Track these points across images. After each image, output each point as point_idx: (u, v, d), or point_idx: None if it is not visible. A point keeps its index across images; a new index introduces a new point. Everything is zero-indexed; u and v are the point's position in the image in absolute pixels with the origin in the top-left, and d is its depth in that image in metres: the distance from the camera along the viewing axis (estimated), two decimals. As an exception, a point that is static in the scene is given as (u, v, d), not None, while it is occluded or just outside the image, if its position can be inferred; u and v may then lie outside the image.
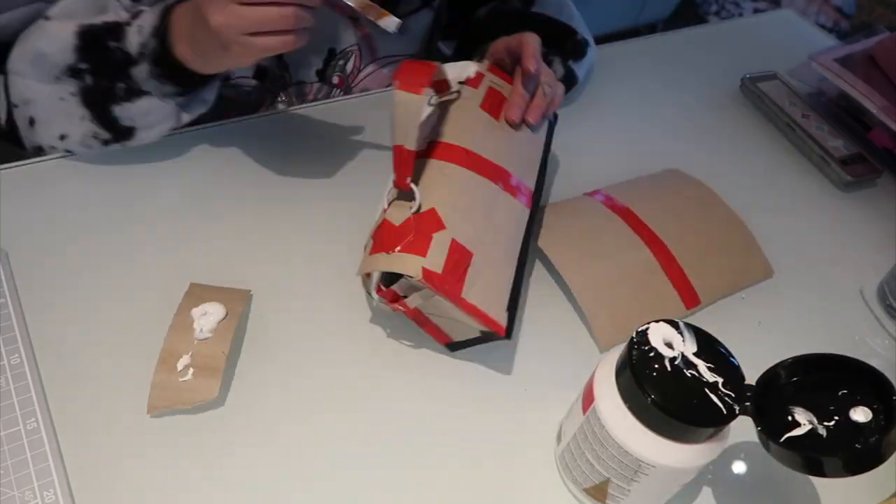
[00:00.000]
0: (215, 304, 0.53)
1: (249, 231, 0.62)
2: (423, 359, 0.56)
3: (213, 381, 0.50)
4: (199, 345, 0.51)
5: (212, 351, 0.51)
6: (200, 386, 0.50)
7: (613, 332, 0.58)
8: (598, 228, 0.64)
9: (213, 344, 0.51)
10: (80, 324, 0.54)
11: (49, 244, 0.58)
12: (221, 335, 0.52)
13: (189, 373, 0.50)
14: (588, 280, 0.60)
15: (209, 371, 0.50)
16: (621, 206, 0.66)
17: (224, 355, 0.51)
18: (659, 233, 0.63)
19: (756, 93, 0.88)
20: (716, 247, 0.65)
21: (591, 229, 0.64)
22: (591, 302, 0.59)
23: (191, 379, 0.50)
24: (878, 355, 0.63)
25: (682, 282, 0.62)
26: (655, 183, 0.72)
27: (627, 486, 0.45)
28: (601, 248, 0.62)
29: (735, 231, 0.67)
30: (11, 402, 0.48)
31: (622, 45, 0.95)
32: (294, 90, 0.77)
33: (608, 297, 0.60)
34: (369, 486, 0.49)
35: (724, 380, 0.41)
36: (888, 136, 0.83)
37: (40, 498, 0.44)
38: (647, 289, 0.61)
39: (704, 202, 0.69)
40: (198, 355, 0.51)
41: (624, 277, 0.61)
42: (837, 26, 2.00)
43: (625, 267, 0.61)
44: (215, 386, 0.50)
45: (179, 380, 0.50)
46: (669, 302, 0.61)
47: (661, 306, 0.60)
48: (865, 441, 0.38)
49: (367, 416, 0.52)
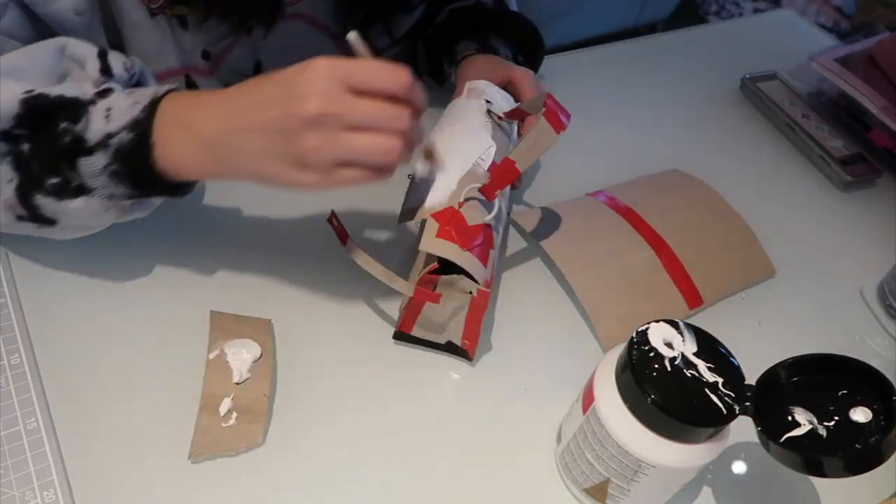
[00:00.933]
0: (249, 343, 0.52)
1: (258, 246, 0.62)
2: (423, 359, 0.56)
3: (256, 426, 0.48)
4: (238, 387, 0.50)
5: (253, 394, 0.49)
6: (245, 431, 0.48)
7: (617, 332, 0.58)
8: (600, 229, 0.64)
9: (252, 385, 0.50)
10: (79, 323, 0.54)
11: (49, 244, 0.58)
12: (260, 375, 0.50)
13: (233, 417, 0.48)
14: (590, 280, 0.60)
15: (252, 415, 0.49)
16: (623, 207, 0.66)
17: (266, 398, 0.49)
18: (661, 233, 0.63)
19: (756, 93, 0.88)
20: (718, 246, 0.65)
21: (594, 230, 0.64)
22: (594, 302, 0.59)
23: (234, 424, 0.48)
24: (878, 355, 0.63)
25: (685, 282, 0.62)
26: (657, 183, 0.72)
27: (627, 486, 0.45)
28: (603, 249, 0.62)
29: (737, 231, 0.67)
30: (11, 402, 0.48)
31: (622, 45, 0.95)
32: None
33: (611, 297, 0.60)
34: (369, 485, 0.49)
35: (724, 380, 0.41)
36: (888, 136, 0.83)
37: (40, 498, 0.44)
38: (650, 289, 0.61)
39: (706, 202, 0.69)
40: (239, 398, 0.49)
41: (627, 278, 0.61)
42: (837, 26, 2.00)
43: (627, 267, 0.61)
44: (259, 431, 0.48)
45: (223, 425, 0.48)
46: (672, 302, 0.61)
47: (663, 306, 0.60)
48: (865, 441, 0.39)
49: (367, 417, 0.52)
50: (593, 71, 0.89)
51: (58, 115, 0.45)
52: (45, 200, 0.47)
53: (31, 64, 0.48)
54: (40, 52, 0.49)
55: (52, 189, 0.46)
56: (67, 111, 0.45)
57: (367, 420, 0.52)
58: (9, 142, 0.46)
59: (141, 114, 0.45)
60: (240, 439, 0.48)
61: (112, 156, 0.45)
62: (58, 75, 0.49)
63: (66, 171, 0.46)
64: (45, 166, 0.46)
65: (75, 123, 0.45)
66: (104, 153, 0.45)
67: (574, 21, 1.81)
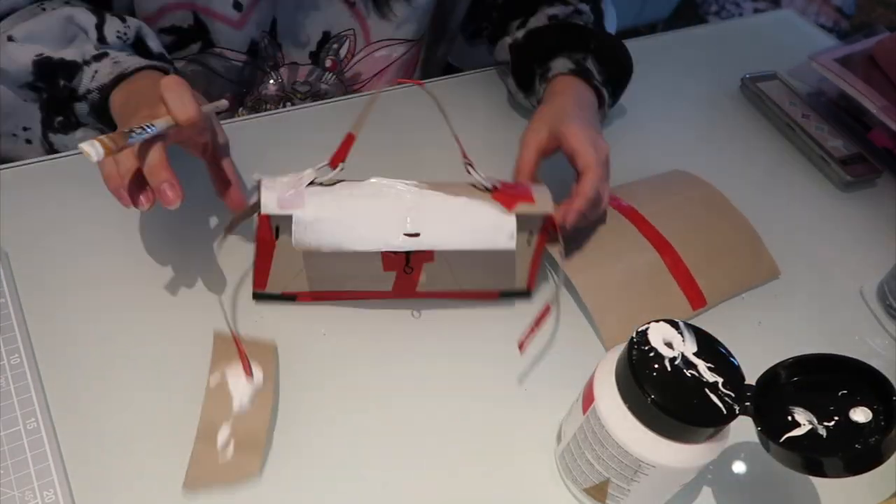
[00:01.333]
0: (255, 366, 0.51)
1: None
2: (423, 359, 0.56)
3: (254, 458, 0.48)
4: (237, 416, 0.49)
5: (252, 423, 0.48)
6: (241, 462, 0.47)
7: (620, 332, 0.58)
8: (604, 229, 0.64)
9: (252, 414, 0.49)
10: (80, 323, 0.54)
11: (49, 244, 0.58)
12: (261, 403, 0.50)
13: (230, 447, 0.47)
14: (594, 280, 0.60)
15: (249, 446, 0.48)
16: (627, 207, 0.66)
17: (264, 427, 0.49)
18: (665, 233, 0.63)
19: (756, 93, 0.88)
20: (722, 247, 0.65)
21: (597, 230, 0.64)
22: (598, 302, 0.59)
23: (232, 455, 0.47)
24: (878, 355, 0.63)
25: (689, 283, 0.62)
26: (661, 183, 0.72)
27: (627, 486, 0.45)
28: (607, 249, 0.62)
29: (741, 231, 0.67)
30: (11, 402, 0.48)
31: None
32: (286, 70, 0.76)
33: (614, 297, 0.60)
34: (368, 484, 0.49)
35: (724, 380, 0.41)
36: (888, 136, 0.83)
37: (40, 498, 0.44)
38: (654, 290, 0.61)
39: (710, 203, 0.69)
40: (238, 428, 0.48)
41: (630, 278, 0.61)
42: (837, 26, 1.99)
43: (631, 268, 0.61)
44: (257, 462, 0.48)
45: (219, 457, 0.47)
46: (675, 303, 0.61)
47: (667, 307, 0.61)
48: (865, 441, 0.39)
49: (366, 416, 0.52)
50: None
51: (57, 73, 0.59)
52: (55, 137, 0.63)
53: (45, 31, 0.59)
54: (51, 21, 0.60)
55: (60, 126, 0.62)
56: (65, 71, 0.59)
57: (366, 419, 0.52)
58: (34, 91, 0.60)
59: (110, 83, 0.58)
60: (237, 471, 0.47)
61: (90, 105, 0.60)
62: (66, 40, 0.60)
63: (68, 113, 0.62)
64: (53, 108, 0.62)
65: (70, 80, 0.59)
66: (86, 102, 0.59)
67: (574, 21, 1.80)
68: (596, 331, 0.59)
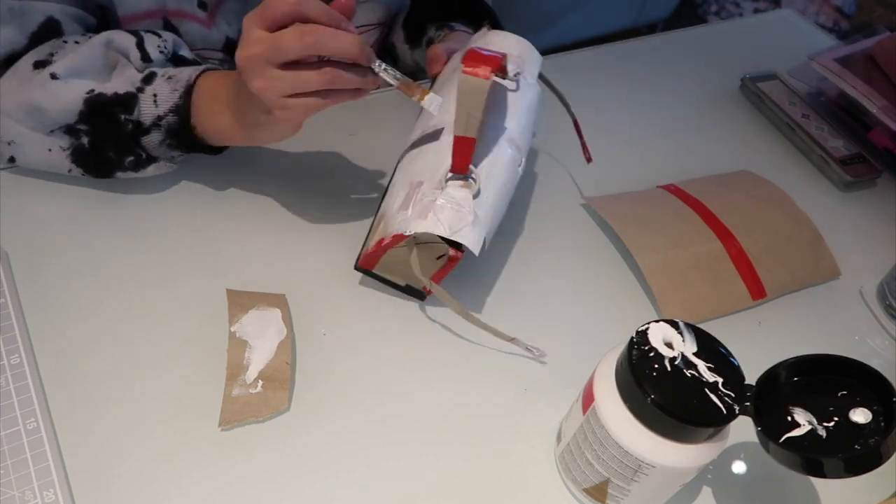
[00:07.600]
0: (267, 313, 0.54)
1: (262, 226, 0.62)
2: (423, 359, 0.56)
3: (282, 393, 0.51)
4: (260, 356, 0.52)
5: (276, 361, 0.52)
6: (271, 398, 0.50)
7: (681, 315, 0.59)
8: (669, 217, 0.66)
9: (275, 354, 0.52)
10: (80, 323, 0.54)
11: (49, 244, 0.58)
12: (281, 343, 0.53)
13: (259, 385, 0.50)
14: (659, 264, 0.62)
15: (277, 382, 0.51)
16: (693, 199, 0.68)
17: (288, 365, 0.52)
18: (729, 225, 0.65)
19: (756, 93, 0.88)
20: (785, 243, 0.67)
21: (663, 217, 0.66)
22: (661, 285, 0.61)
23: (261, 392, 0.50)
24: (878, 355, 0.63)
25: (750, 273, 0.63)
26: (727, 181, 0.74)
27: (627, 486, 0.45)
28: (673, 237, 0.64)
29: (804, 230, 0.68)
30: (11, 402, 0.48)
31: (622, 46, 0.95)
32: None
33: (677, 281, 0.61)
34: (368, 484, 0.49)
35: (723, 380, 0.41)
36: (888, 136, 0.83)
37: (40, 498, 0.44)
38: (716, 277, 0.63)
39: (775, 200, 0.71)
40: (264, 367, 0.51)
41: (694, 265, 0.63)
42: (837, 26, 1.99)
43: (695, 255, 0.63)
44: (285, 397, 0.51)
45: (250, 392, 0.50)
46: (736, 291, 0.63)
47: (727, 294, 0.62)
48: (865, 442, 0.39)
49: (365, 413, 0.52)
50: (593, 71, 0.89)
51: (115, 110, 0.56)
52: (124, 175, 0.60)
53: (86, 63, 0.56)
54: (91, 52, 0.57)
55: (130, 165, 0.59)
56: (122, 105, 0.56)
57: (365, 417, 0.52)
58: (72, 135, 0.57)
59: (180, 100, 0.56)
60: (268, 406, 0.50)
61: (165, 133, 0.57)
62: (108, 67, 0.58)
63: (135, 149, 0.58)
64: (119, 149, 0.57)
65: (130, 113, 0.56)
66: (158, 131, 0.57)
67: (574, 21, 1.81)
68: (592, 330, 0.59)
